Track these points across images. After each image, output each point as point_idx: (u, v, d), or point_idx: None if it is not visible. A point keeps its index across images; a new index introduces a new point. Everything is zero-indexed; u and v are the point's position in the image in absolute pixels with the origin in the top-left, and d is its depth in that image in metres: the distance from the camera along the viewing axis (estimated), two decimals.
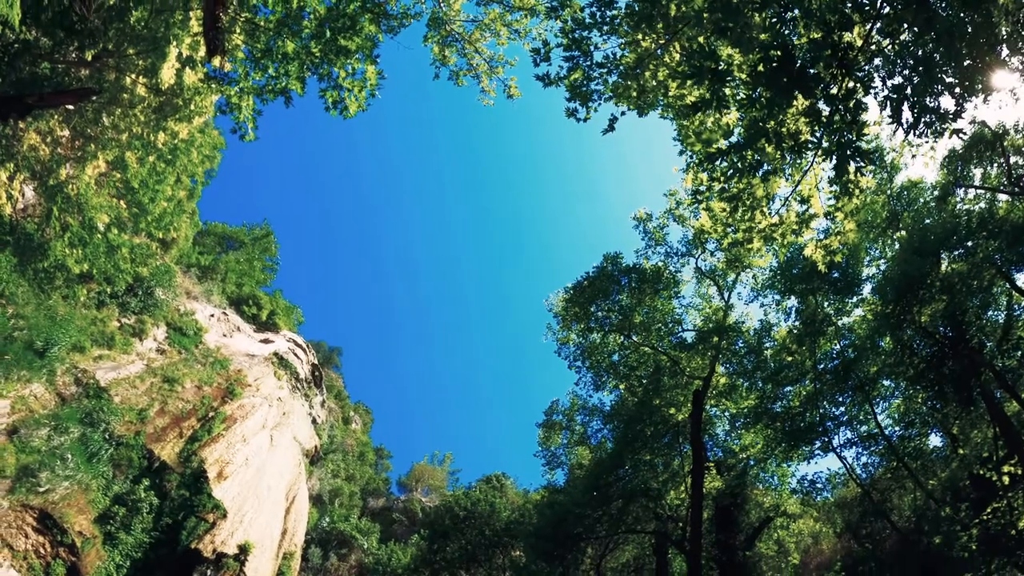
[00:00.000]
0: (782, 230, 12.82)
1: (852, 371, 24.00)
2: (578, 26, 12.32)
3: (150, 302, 46.70)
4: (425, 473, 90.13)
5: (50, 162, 23.02)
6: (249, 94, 15.26)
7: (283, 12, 14.93)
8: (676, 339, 29.83)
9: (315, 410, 65.87)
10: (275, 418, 50.46)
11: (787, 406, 26.05)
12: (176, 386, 42.38)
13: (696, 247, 28.94)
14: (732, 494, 27.59)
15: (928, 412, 24.45)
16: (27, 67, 21.35)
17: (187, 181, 28.01)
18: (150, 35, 19.66)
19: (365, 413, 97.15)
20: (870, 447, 25.86)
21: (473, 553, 35.01)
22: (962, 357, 21.62)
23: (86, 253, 23.96)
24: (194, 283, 58.73)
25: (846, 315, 26.09)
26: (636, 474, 28.34)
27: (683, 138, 13.09)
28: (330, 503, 65.49)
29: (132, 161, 23.23)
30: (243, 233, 75.16)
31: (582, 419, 33.53)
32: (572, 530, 27.80)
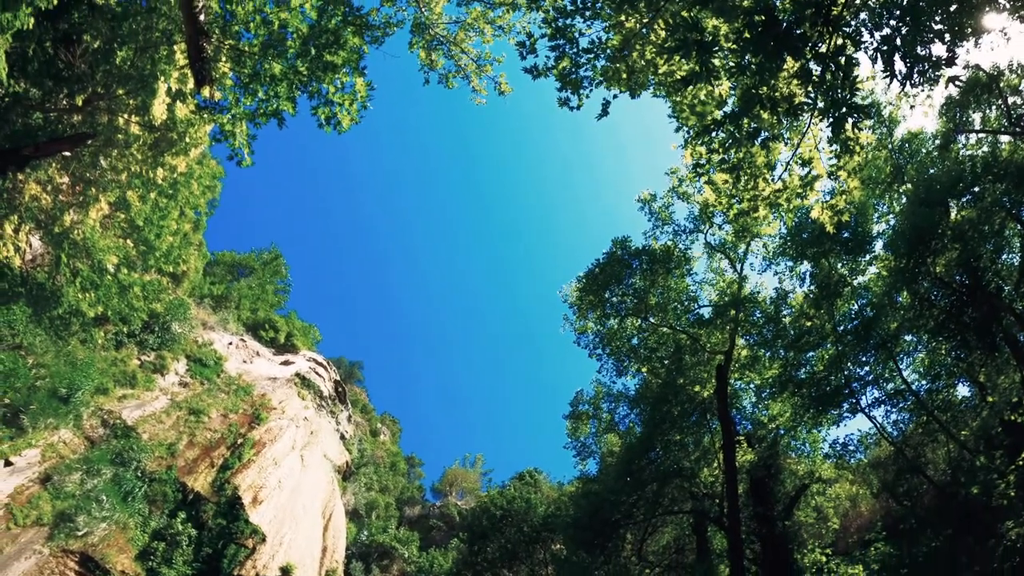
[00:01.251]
0: (787, 195, 12.76)
1: (872, 329, 23.84)
2: (560, 14, 12.28)
3: (167, 337, 46.99)
4: (458, 477, 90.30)
5: (53, 210, 23.16)
6: (242, 120, 15.31)
7: (266, 35, 14.97)
8: (693, 316, 29.75)
9: (342, 426, 66.11)
10: (303, 438, 50.68)
11: (811, 372, 25.91)
12: (202, 417, 42.67)
13: (703, 222, 28.84)
14: (765, 465, 27.48)
15: (953, 363, 24.27)
16: (20, 119, 21.49)
17: (191, 213, 28.12)
18: (137, 73, 19.75)
19: (392, 423, 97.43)
20: (898, 404, 25.69)
21: (513, 551, 35.03)
22: (981, 304, 21.46)
23: (99, 296, 24.10)
24: (209, 313, 59.07)
25: (860, 274, 25.93)
26: (667, 455, 28.28)
27: (678, 114, 13.04)
28: (367, 516, 65.72)
29: (134, 200, 23.35)
30: (252, 259, 75.59)
31: (608, 406, 33.50)
32: (609, 517, 27.78)
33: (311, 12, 14.72)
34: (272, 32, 14.86)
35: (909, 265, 22.31)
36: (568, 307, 30.54)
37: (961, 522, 22.11)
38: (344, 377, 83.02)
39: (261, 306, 69.28)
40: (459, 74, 16.62)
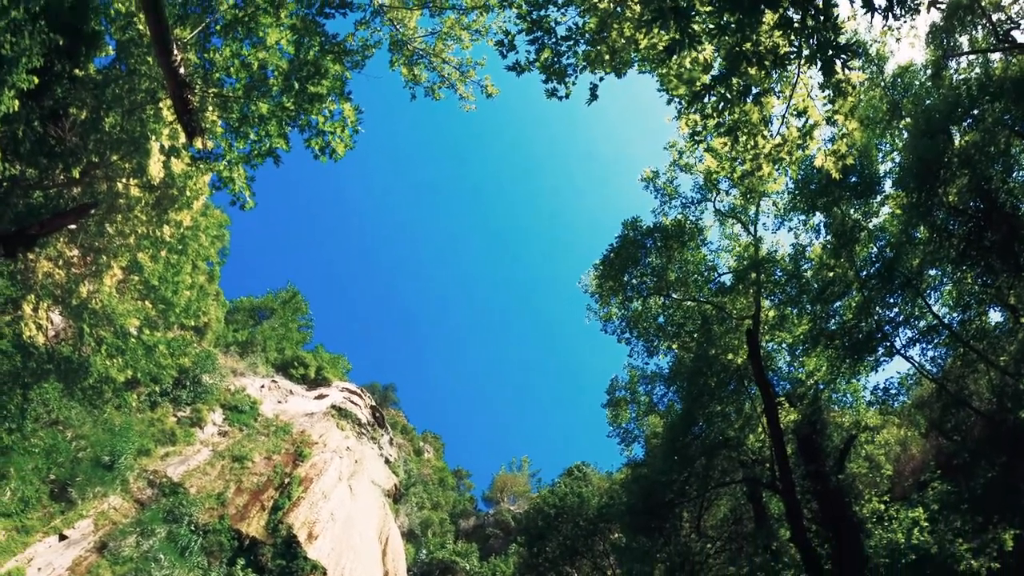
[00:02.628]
0: (787, 148, 12.69)
1: (895, 269, 23.62)
2: (533, 7, 12.27)
3: (200, 390, 47.40)
4: (507, 482, 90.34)
5: (68, 283, 23.41)
6: (238, 164, 15.40)
7: (247, 77, 15.06)
8: (715, 285, 29.62)
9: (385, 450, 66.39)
10: (349, 468, 50.90)
11: (841, 322, 25.70)
12: (246, 462, 42.99)
13: (709, 190, 28.71)
14: (810, 423, 27.29)
15: (981, 290, 24.00)
16: (21, 200, 21.75)
17: (203, 265, 28.34)
18: (128, 137, 19.93)
19: (434, 440, 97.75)
20: (933, 340, 25.44)
21: (573, 547, 34.99)
22: (999, 226, 21.23)
23: (126, 360, 24.32)
24: (237, 360, 59.55)
25: (874, 216, 25.68)
26: (711, 428, 28.15)
27: (666, 85, 13.00)
28: (423, 535, 65.92)
29: (145, 261, 23.55)
30: (270, 300, 76.17)
31: (644, 388, 33.38)
32: (663, 498, 27.70)
33: (288, 47, 14.79)
34: (253, 73, 14.95)
35: (921, 199, 22.10)
36: (589, 296, 30.49)
37: (1013, 448, 21.91)
38: (379, 402, 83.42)
39: (287, 345, 69.79)
40: (444, 84, 16.64)
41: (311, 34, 14.42)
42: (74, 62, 20.70)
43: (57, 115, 21.30)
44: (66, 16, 19.75)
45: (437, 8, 15.85)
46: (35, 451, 28.43)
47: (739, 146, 12.90)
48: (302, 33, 14.43)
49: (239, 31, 14.64)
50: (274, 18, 14.46)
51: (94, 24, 20.55)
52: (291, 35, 14.57)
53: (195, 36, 14.87)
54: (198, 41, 15.12)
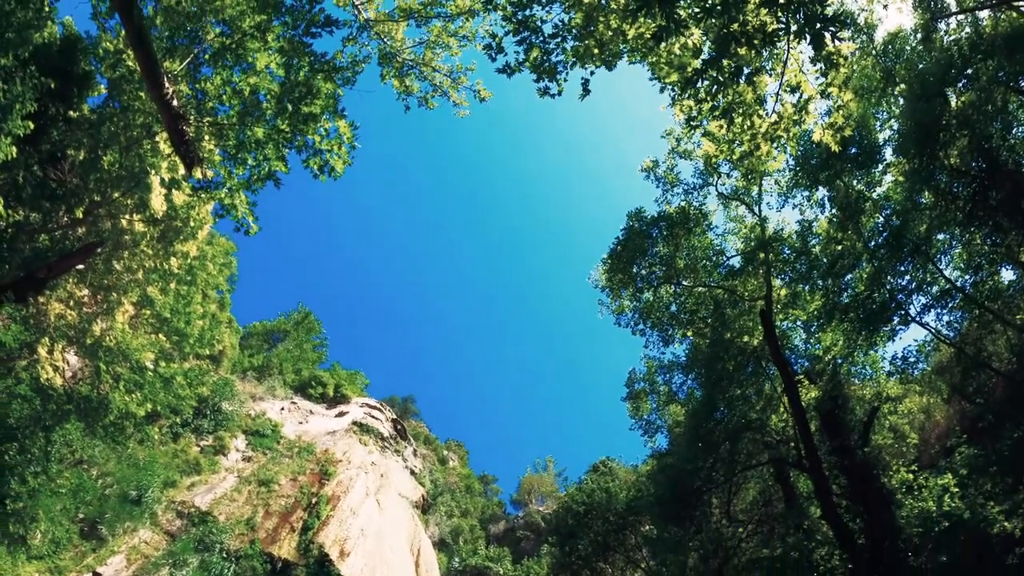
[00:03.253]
0: (784, 124, 12.65)
1: (903, 237, 23.49)
2: (518, 7, 12.27)
3: (221, 418, 47.65)
4: (534, 484, 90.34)
5: (81, 323, 23.53)
6: (238, 190, 15.45)
7: (240, 103, 15.12)
8: (724, 269, 29.52)
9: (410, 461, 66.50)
10: (375, 482, 51.01)
11: (853, 294, 25.56)
12: (272, 486, 43.15)
13: (710, 175, 28.65)
14: (831, 398, 27.14)
15: (990, 250, 23.84)
16: (27, 245, 21.88)
17: (213, 294, 28.48)
18: (128, 173, 20.05)
19: (458, 448, 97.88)
20: (947, 304, 25.26)
21: (605, 542, 34.89)
22: (1003, 184, 21.08)
23: (144, 394, 24.41)
24: (255, 385, 59.81)
25: (878, 185, 25.56)
26: (732, 412, 28.05)
27: (658, 74, 12.98)
28: (454, 543, 65.99)
29: (156, 294, 23.65)
30: (283, 323, 76.55)
31: (663, 378, 33.30)
32: (690, 486, 27.61)
33: (278, 70, 14.83)
34: (246, 99, 15.00)
35: (923, 164, 21.99)
36: (600, 291, 30.46)
37: None
38: (400, 414, 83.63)
39: (304, 366, 70.09)
40: (437, 93, 16.65)
41: (299, 55, 14.46)
42: (67, 103, 20.84)
43: (55, 157, 21.44)
44: (55, 59, 19.91)
45: (422, 18, 15.86)
46: (62, 492, 28.57)
47: (735, 128, 12.87)
48: (290, 55, 14.47)
49: (228, 58, 14.70)
50: (261, 42, 14.51)
51: (84, 64, 20.70)
52: (280, 58, 14.62)
53: (184, 67, 14.93)
54: (188, 72, 15.19)
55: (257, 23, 14.40)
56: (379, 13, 16.15)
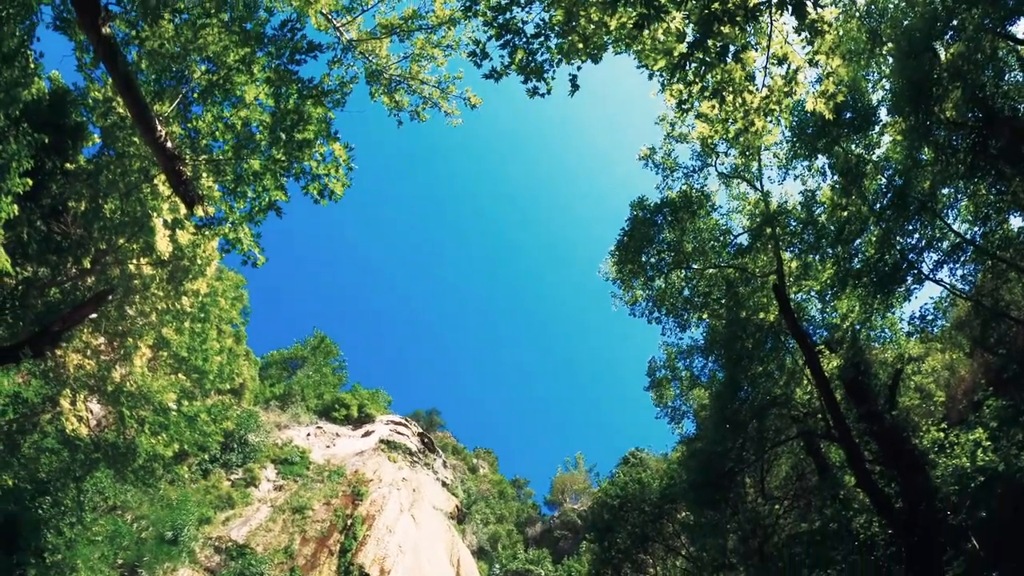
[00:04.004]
0: (775, 97, 12.63)
1: (908, 196, 23.36)
2: (497, 11, 12.29)
3: (248, 450, 47.89)
4: (566, 482, 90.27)
5: (100, 372, 23.68)
6: (241, 223, 15.50)
7: (234, 137, 15.18)
8: (733, 248, 29.42)
9: (440, 473, 66.61)
10: (408, 498, 51.08)
11: (864, 258, 25.44)
12: (306, 512, 43.30)
13: (708, 155, 28.58)
14: (853, 365, 27.02)
15: (997, 198, 23.67)
16: (39, 300, 22.05)
17: (228, 328, 28.59)
18: (131, 218, 20.15)
19: (487, 455, 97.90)
20: (959, 258, 25.10)
21: (643, 533, 34.82)
22: (1001, 131, 20.94)
23: (170, 435, 24.55)
24: (279, 414, 60.08)
25: (877, 147, 25.42)
26: (756, 389, 27.95)
27: (645, 61, 12.97)
28: (493, 550, 65.99)
29: (171, 335, 23.78)
30: (300, 349, 77.02)
31: (683, 363, 33.16)
32: (722, 469, 27.51)
33: (267, 100, 14.89)
34: (239, 133, 15.07)
35: (919, 121, 21.88)
36: (611, 283, 30.42)
37: None
38: (426, 427, 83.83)
39: (325, 390, 70.42)
40: (427, 105, 16.71)
41: (287, 83, 14.51)
42: (63, 156, 21.01)
43: (57, 211, 21.61)
44: (46, 114, 20.06)
45: (405, 32, 15.91)
46: (99, 539, 28.72)
47: (728, 106, 12.85)
48: (278, 84, 14.53)
49: (216, 94, 14.77)
50: (248, 75, 14.57)
51: (75, 116, 20.85)
52: (268, 88, 14.68)
53: (175, 108, 15.01)
54: (179, 112, 15.27)
55: (241, 56, 14.46)
56: (361, 32, 16.21)
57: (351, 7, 16.01)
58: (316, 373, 73.75)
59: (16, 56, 15.38)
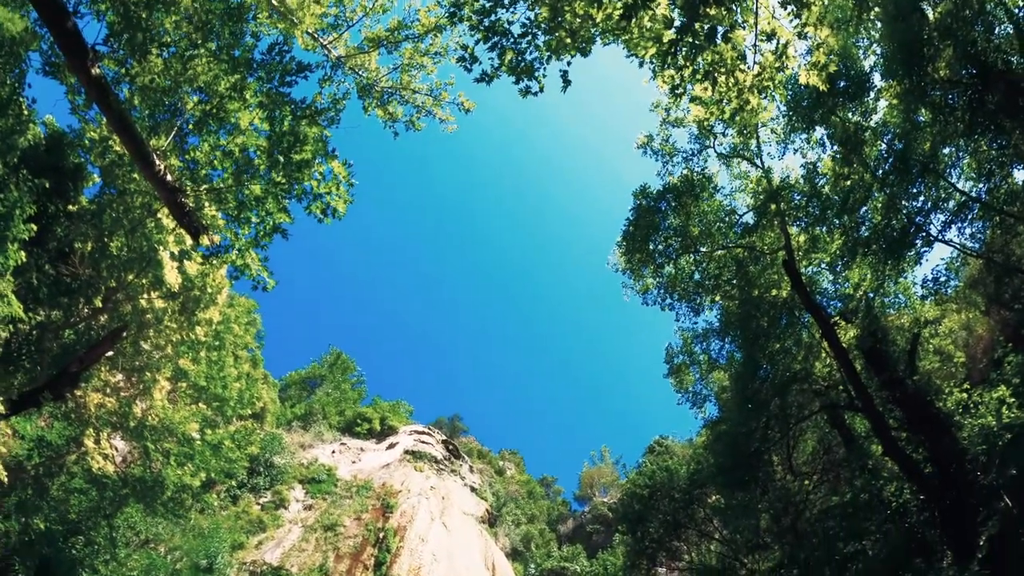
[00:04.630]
0: (768, 74, 12.60)
1: (909, 159, 23.25)
2: (483, 14, 12.30)
3: (275, 472, 48.09)
4: (593, 476, 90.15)
5: (121, 408, 23.80)
6: (248, 249, 15.56)
7: (233, 164, 15.24)
8: (739, 228, 29.33)
9: (468, 478, 66.70)
10: (438, 506, 51.14)
11: (871, 226, 25.34)
12: (338, 528, 43.43)
13: (706, 137, 28.50)
14: (870, 334, 26.88)
15: (998, 153, 23.52)
16: (54, 344, 22.19)
17: (244, 353, 28.76)
18: (138, 254, 20.28)
19: (512, 456, 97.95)
20: (967, 216, 24.94)
21: (675, 520, 34.73)
22: (996, 85, 20.81)
23: (196, 464, 24.67)
24: (302, 434, 60.32)
25: (874, 113, 25.30)
26: (775, 367, 27.85)
27: (634, 50, 12.94)
28: (527, 550, 65.98)
29: (188, 365, 23.89)
30: (317, 368, 77.43)
31: (700, 347, 33.06)
32: (748, 449, 27.42)
33: (262, 125, 14.94)
34: (237, 159, 15.12)
35: (913, 83, 21.77)
36: (621, 274, 30.38)
37: None
38: (449, 434, 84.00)
39: (346, 406, 70.69)
40: (421, 113, 16.73)
41: (280, 106, 14.57)
42: (65, 199, 21.14)
43: (64, 253, 21.74)
44: (44, 158, 20.19)
45: (392, 43, 15.94)
46: (134, 574, 28.87)
47: (721, 87, 12.82)
48: (271, 108, 14.59)
49: (211, 124, 14.84)
50: (240, 102, 14.63)
51: (73, 158, 20.98)
52: (261, 113, 14.74)
53: (171, 141, 15.08)
54: (175, 145, 15.34)
55: (232, 84, 14.52)
56: (349, 48, 16.25)
57: (336, 24, 16.05)
58: (335, 390, 74.07)
59: (9, 104, 15.52)
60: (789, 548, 28.18)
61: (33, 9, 13.88)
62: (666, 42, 11.60)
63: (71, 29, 12.55)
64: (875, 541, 23.65)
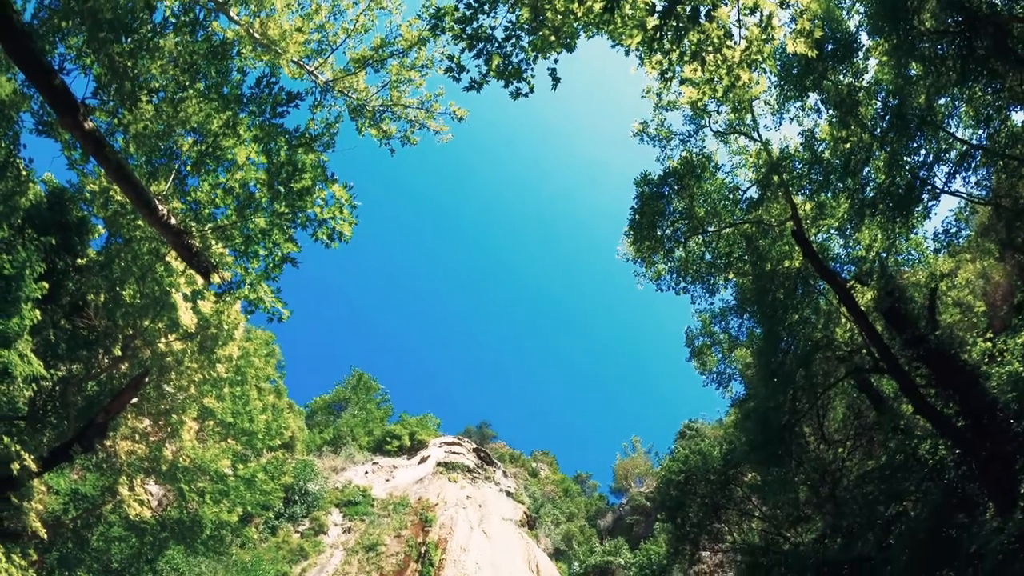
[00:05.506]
0: (755, 47, 12.59)
1: (905, 113, 23.13)
2: (464, 23, 12.33)
3: (310, 499, 48.27)
4: (627, 468, 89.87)
5: (151, 453, 23.96)
6: (259, 282, 15.59)
7: (234, 200, 15.30)
8: (744, 203, 29.23)
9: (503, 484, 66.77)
10: (475, 514, 51.18)
11: (876, 185, 25.24)
12: (379, 548, 43.54)
13: (700, 117, 28.41)
14: (887, 294, 26.70)
15: (994, 97, 23.41)
16: (78, 397, 22.37)
17: (267, 385, 28.90)
18: (151, 300, 20.39)
19: (544, 456, 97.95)
20: (970, 165, 24.80)
21: (713, 503, 34.59)
22: (985, 30, 20.66)
23: (232, 500, 24.82)
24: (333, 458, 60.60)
25: (865, 73, 25.20)
26: (796, 338, 27.72)
27: (619, 40, 12.94)
28: (569, 548, 65.90)
29: (213, 403, 24.04)
30: (341, 391, 77.90)
31: (719, 327, 32.96)
32: (778, 423, 27.27)
33: (259, 158, 15.00)
34: (238, 195, 15.18)
35: (901, 37, 21.67)
36: (632, 263, 30.33)
37: None
38: (479, 441, 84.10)
39: (373, 426, 71.01)
40: (415, 128, 16.77)
41: (274, 137, 14.63)
42: (73, 253, 21.33)
43: (78, 307, 21.94)
44: (48, 216, 20.38)
45: (377, 62, 15.98)
46: None
47: (710, 66, 12.81)
48: (266, 140, 14.65)
49: (209, 163, 14.91)
50: (235, 138, 14.70)
51: (76, 212, 21.16)
52: (257, 146, 14.80)
53: (171, 185, 15.15)
54: (176, 188, 15.40)
55: (225, 121, 14.59)
56: (336, 71, 16.30)
57: (320, 49, 16.12)
58: (361, 411, 74.41)
59: (7, 167, 15.66)
60: (830, 517, 28.04)
61: (19, 71, 13.99)
62: (650, 28, 11.59)
63: (59, 87, 12.62)
64: (915, 501, 23.51)
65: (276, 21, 15.83)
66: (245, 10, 15.58)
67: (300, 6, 16.03)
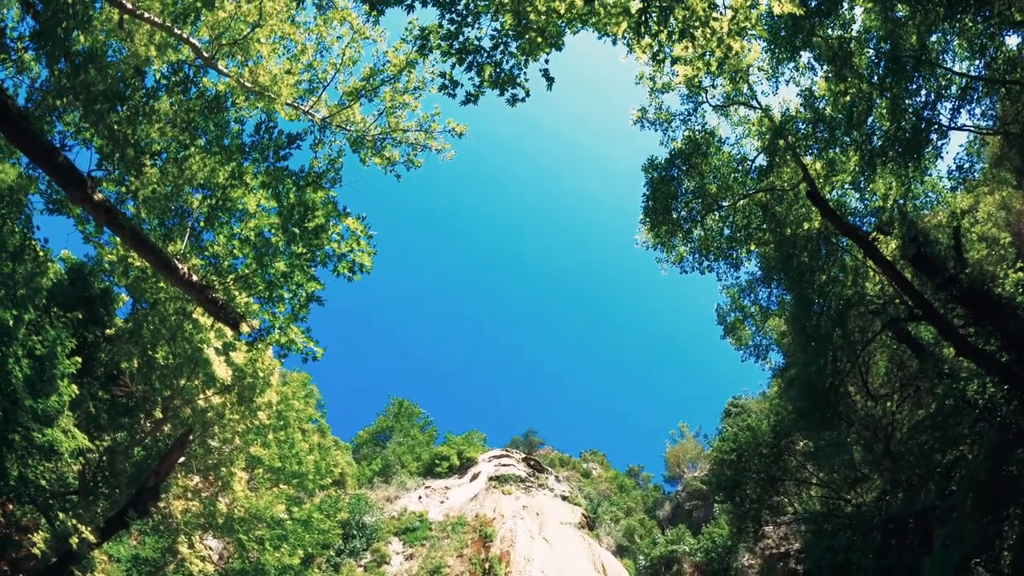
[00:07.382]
0: (742, 15, 12.54)
1: (899, 57, 22.91)
2: (450, 38, 12.38)
3: (369, 532, 48.40)
4: (678, 454, 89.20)
5: (206, 508, 24.14)
6: (288, 325, 15.70)
7: (252, 249, 15.43)
8: (754, 173, 29.02)
9: (557, 489, 66.67)
10: (534, 523, 51.13)
11: (882, 133, 25.02)
12: (443, 570, 43.58)
13: (697, 94, 28.26)
14: (911, 240, 26.42)
15: (985, 26, 23.16)
16: (125, 464, 22.59)
17: (310, 426, 29.06)
18: (184, 358, 20.60)
19: (594, 455, 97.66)
20: (972, 97, 24.53)
21: (769, 476, 34.30)
22: None
23: (292, 544, 24.97)
24: (385, 488, 60.80)
25: (853, 23, 25.02)
26: (827, 298, 27.48)
27: (604, 29, 12.93)
28: (632, 544, 65.58)
29: (259, 451, 24.23)
30: (384, 421, 78.47)
31: (749, 300, 32.65)
32: (822, 387, 27.02)
33: (269, 203, 15.11)
34: (255, 242, 15.31)
35: None
36: (652, 249, 30.21)
37: None
38: (527, 450, 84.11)
39: (420, 450, 71.32)
40: (417, 150, 16.88)
41: (281, 180, 14.74)
42: (100, 325, 21.57)
43: (113, 376, 22.18)
44: (71, 292, 20.64)
45: (370, 91, 16.10)
46: None
47: (700, 41, 12.77)
48: (273, 185, 14.77)
49: (221, 216, 15.06)
50: (243, 187, 14.84)
51: (98, 284, 21.40)
52: (265, 192, 14.92)
53: (187, 243, 15.30)
54: (193, 245, 15.57)
55: (230, 172, 14.74)
56: (330, 107, 16.45)
57: (312, 88, 16.29)
58: (406, 438, 74.70)
59: (24, 251, 15.87)
60: (888, 473, 27.73)
61: (22, 155, 14.20)
62: (635, 12, 11.58)
63: (63, 164, 12.80)
64: (971, 444, 23.19)
65: (265, 67, 16.01)
66: (233, 61, 15.78)
67: (286, 49, 16.20)
